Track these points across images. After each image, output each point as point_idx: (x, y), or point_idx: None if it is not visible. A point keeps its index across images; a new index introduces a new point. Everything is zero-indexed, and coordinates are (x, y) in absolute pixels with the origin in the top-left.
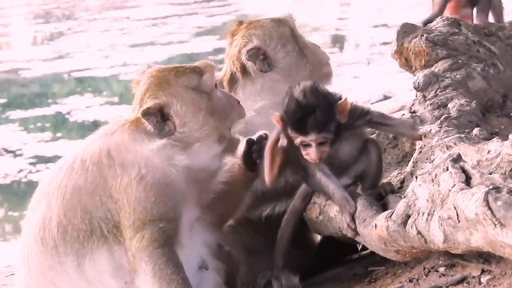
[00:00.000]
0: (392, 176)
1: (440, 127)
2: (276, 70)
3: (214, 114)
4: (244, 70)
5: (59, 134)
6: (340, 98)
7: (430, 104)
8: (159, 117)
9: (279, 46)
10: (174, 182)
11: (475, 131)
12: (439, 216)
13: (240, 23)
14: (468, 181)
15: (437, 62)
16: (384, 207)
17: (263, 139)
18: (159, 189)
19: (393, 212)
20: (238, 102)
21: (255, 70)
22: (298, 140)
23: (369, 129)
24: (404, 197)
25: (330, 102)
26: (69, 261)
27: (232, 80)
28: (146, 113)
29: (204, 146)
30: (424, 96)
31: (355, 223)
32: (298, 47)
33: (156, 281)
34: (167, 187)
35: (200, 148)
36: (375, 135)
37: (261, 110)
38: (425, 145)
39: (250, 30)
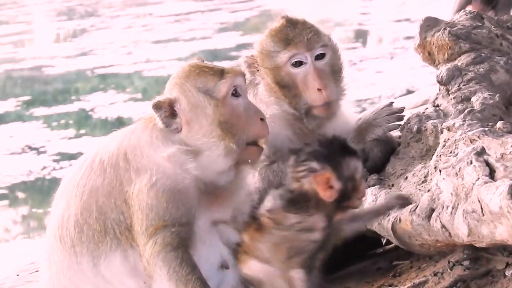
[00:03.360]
0: (416, 170)
1: (463, 121)
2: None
3: (223, 124)
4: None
5: (82, 131)
6: None
7: (454, 97)
8: (169, 112)
9: (261, 67)
10: (186, 188)
11: (499, 124)
12: (463, 210)
13: (282, 18)
14: (492, 174)
15: (460, 56)
16: None
17: None
18: (171, 195)
19: (417, 206)
20: (262, 119)
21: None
22: None
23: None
24: (428, 191)
25: None
26: (85, 262)
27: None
28: (156, 106)
29: (211, 158)
30: (448, 90)
31: None
32: (278, 84)
33: (172, 283)
34: (179, 193)
35: (208, 160)
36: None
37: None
38: (449, 139)
39: (265, 37)
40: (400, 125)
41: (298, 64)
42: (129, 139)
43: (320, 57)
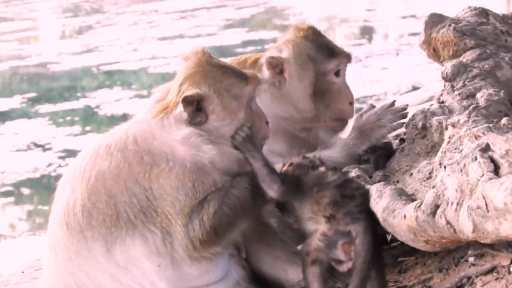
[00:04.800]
0: (421, 166)
1: (468, 117)
2: (284, 90)
3: (244, 124)
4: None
5: (88, 128)
6: None
7: (459, 94)
8: (195, 106)
9: (296, 76)
10: (204, 166)
11: (504, 120)
12: (468, 206)
13: (299, 29)
14: (496, 170)
15: (465, 52)
16: None
17: None
18: (192, 174)
19: (422, 202)
20: (267, 122)
21: (267, 78)
22: None
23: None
24: (433, 187)
25: None
26: (97, 247)
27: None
28: (186, 100)
29: (228, 149)
30: (453, 86)
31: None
32: (314, 90)
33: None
34: (199, 170)
35: (225, 150)
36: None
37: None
38: (453, 135)
39: (292, 42)
40: (404, 123)
41: (338, 74)
42: (138, 125)
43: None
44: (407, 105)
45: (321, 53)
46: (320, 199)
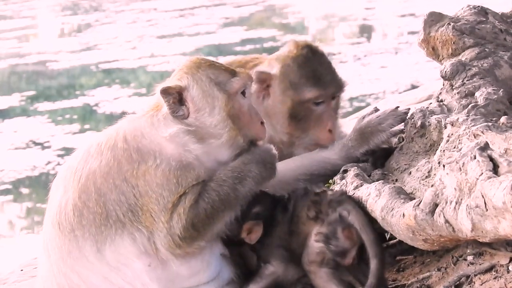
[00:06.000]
0: (419, 165)
1: (467, 116)
2: (267, 106)
3: (231, 118)
4: None
5: (87, 126)
6: None
7: (458, 92)
8: (177, 99)
9: (277, 97)
10: (190, 163)
11: (503, 119)
12: (467, 205)
13: (296, 45)
14: (495, 169)
15: (464, 51)
16: None
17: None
18: (177, 170)
19: (421, 201)
20: (262, 123)
21: (254, 91)
22: None
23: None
24: (432, 186)
25: None
26: (87, 246)
27: None
28: (165, 92)
29: (215, 146)
30: (452, 85)
31: None
32: (291, 115)
33: (206, 233)
34: (185, 167)
35: (212, 147)
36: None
37: None
38: (452, 134)
39: (283, 61)
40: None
41: (320, 103)
42: (128, 124)
43: (335, 97)
44: (409, 109)
45: (304, 80)
46: (300, 217)
